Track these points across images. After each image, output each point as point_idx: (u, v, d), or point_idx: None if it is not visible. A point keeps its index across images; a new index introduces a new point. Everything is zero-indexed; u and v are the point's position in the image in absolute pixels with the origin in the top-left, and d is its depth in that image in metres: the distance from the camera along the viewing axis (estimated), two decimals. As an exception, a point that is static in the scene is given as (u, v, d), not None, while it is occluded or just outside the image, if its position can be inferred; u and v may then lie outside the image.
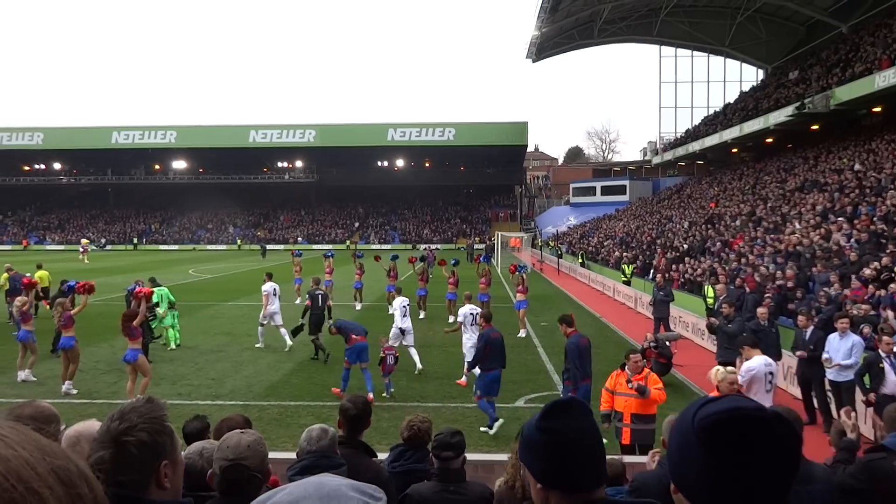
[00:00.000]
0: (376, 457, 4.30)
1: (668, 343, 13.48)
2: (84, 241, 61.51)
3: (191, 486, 3.00)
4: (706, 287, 17.67)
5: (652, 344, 12.42)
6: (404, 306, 13.85)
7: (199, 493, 2.97)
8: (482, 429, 9.89)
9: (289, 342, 15.60)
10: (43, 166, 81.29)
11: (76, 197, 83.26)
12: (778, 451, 1.14)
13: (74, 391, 11.82)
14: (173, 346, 15.83)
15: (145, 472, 1.81)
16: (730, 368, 6.35)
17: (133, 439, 1.81)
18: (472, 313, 12.72)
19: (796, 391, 11.01)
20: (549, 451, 1.55)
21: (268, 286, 16.20)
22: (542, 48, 52.25)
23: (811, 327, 10.41)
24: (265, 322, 16.07)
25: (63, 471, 0.57)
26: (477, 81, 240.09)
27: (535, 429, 1.58)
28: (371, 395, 10.57)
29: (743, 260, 20.60)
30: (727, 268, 19.95)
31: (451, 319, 19.92)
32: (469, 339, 12.43)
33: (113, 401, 11.24)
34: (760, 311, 11.42)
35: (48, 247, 72.98)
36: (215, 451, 2.74)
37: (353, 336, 11.43)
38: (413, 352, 13.61)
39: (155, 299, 14.99)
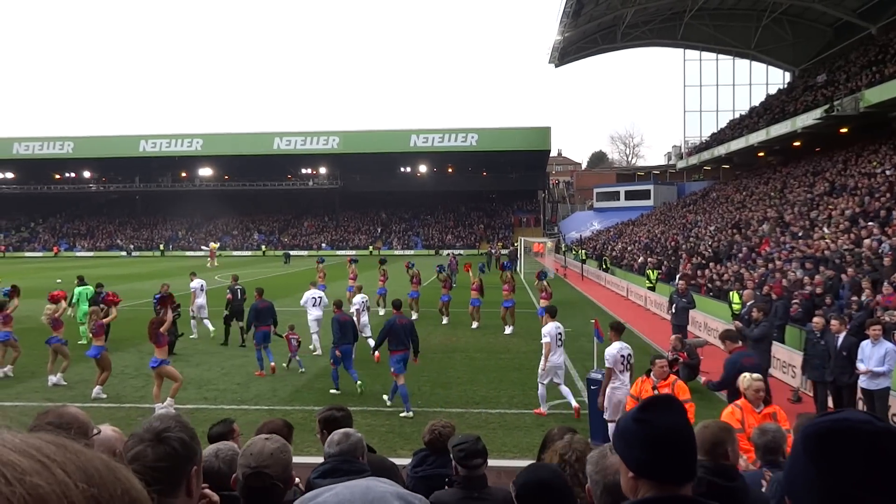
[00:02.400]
0: (374, 452, 4.39)
1: (696, 349, 13.32)
2: (213, 244, 57.06)
3: (210, 487, 3.01)
4: (732, 293, 17.44)
5: (677, 348, 12.29)
6: (314, 297, 16.11)
7: (221, 492, 2.98)
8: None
9: (211, 328, 18.05)
10: (73, 174, 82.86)
11: (105, 204, 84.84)
12: (885, 468, 1.08)
13: (104, 395, 12.02)
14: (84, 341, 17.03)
15: (179, 474, 1.83)
16: (755, 375, 6.25)
17: (175, 436, 1.88)
18: (363, 300, 16.63)
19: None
20: (643, 442, 1.65)
21: (195, 283, 18.74)
22: (565, 53, 52.14)
23: (843, 333, 10.21)
24: (195, 314, 18.48)
25: (105, 499, 0.56)
26: (499, 87, 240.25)
27: (632, 420, 1.70)
28: (263, 372, 13.78)
29: (770, 265, 20.30)
30: (754, 273, 19.67)
31: (475, 325, 19.90)
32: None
33: (140, 405, 11.41)
34: (817, 320, 11.03)
35: (78, 253, 74.39)
36: (239, 458, 2.74)
37: (263, 325, 14.04)
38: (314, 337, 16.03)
39: (75, 298, 17.43)
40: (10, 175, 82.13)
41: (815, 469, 1.13)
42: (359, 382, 12.20)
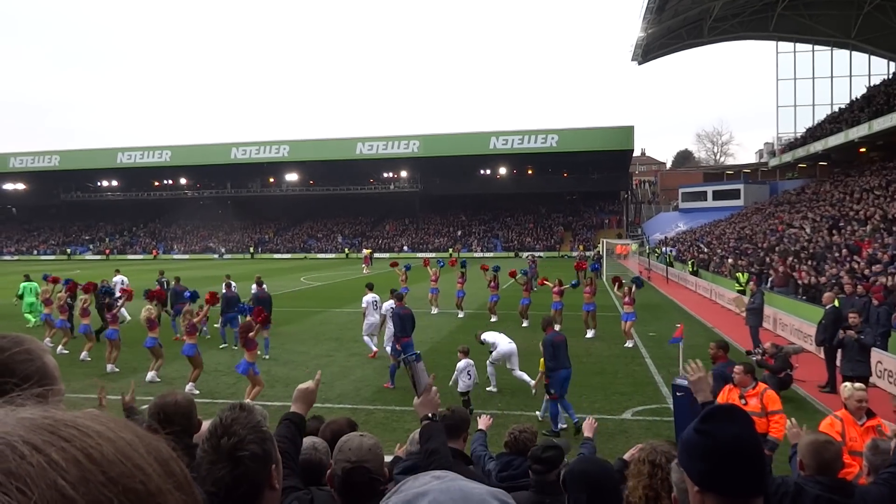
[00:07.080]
0: (472, 465, 4.33)
1: (789, 356, 12.68)
2: (366, 251, 56.42)
3: (310, 481, 3.02)
4: (738, 274, 16.49)
5: (763, 352, 11.73)
6: (373, 301, 16.44)
7: (320, 484, 2.98)
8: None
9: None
10: (170, 181, 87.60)
11: (198, 209, 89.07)
12: None
13: (197, 391, 12.63)
14: (31, 325, 19.79)
15: (261, 479, 1.88)
16: (858, 385, 5.88)
17: (247, 454, 1.86)
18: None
19: None
20: (706, 454, 1.60)
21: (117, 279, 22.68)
22: (648, 49, 50.68)
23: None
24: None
25: (156, 451, 0.66)
26: (580, 86, 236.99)
27: (694, 431, 1.65)
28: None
29: (874, 267, 19.06)
30: (853, 277, 18.52)
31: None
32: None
33: (232, 401, 11.89)
34: None
35: (174, 256, 78.54)
36: (336, 453, 2.76)
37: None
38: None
39: (20, 292, 20.12)
40: (115, 183, 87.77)
41: None
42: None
